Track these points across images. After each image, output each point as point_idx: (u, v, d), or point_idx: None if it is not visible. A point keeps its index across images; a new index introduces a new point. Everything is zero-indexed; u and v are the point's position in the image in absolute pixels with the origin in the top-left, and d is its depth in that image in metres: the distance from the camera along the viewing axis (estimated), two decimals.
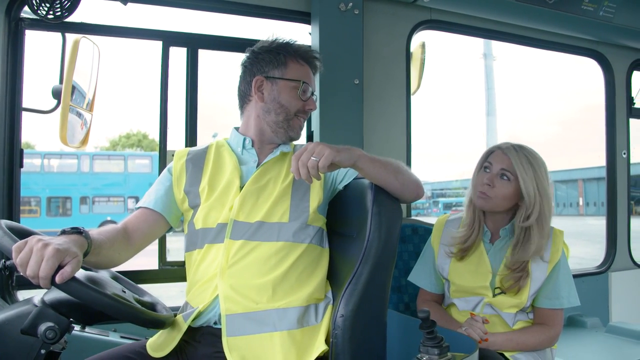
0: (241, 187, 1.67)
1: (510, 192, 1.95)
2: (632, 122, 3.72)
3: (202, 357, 1.55)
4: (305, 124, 1.81)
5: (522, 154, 1.96)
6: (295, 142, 1.84)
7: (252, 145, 1.77)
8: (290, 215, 1.65)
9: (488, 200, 1.97)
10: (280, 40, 1.77)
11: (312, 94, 1.78)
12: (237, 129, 1.84)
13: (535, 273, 1.95)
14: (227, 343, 1.49)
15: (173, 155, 1.84)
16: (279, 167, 1.74)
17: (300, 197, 1.68)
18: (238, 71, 1.83)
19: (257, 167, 1.73)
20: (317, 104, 2.55)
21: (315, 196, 1.69)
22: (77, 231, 1.36)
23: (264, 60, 1.75)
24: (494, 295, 1.97)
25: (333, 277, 1.68)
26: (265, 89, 1.73)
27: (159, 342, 1.58)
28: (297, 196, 1.68)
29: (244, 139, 1.77)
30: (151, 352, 1.57)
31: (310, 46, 1.80)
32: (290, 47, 1.76)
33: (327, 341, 1.53)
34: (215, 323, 1.56)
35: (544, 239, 1.94)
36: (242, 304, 1.53)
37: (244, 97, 1.80)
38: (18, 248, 1.22)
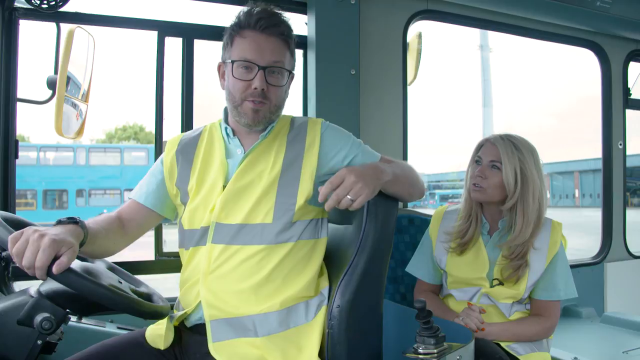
0: (225, 186, 1.57)
1: (502, 180, 1.97)
2: (629, 113, 3.72)
3: (197, 343, 1.55)
4: (264, 108, 1.55)
5: (508, 141, 1.99)
6: (293, 116, 1.72)
7: (234, 134, 1.64)
8: (275, 214, 1.54)
9: (482, 191, 1.99)
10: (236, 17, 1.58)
11: (264, 68, 1.53)
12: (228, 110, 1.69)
13: (534, 265, 1.96)
14: (214, 348, 1.46)
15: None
16: (266, 156, 1.60)
17: (287, 194, 1.57)
18: None
19: (242, 158, 1.60)
20: (313, 94, 2.55)
21: (304, 191, 1.58)
22: (73, 221, 1.36)
23: (223, 44, 1.61)
24: (492, 286, 1.98)
25: (329, 268, 1.68)
26: (225, 75, 1.61)
27: (158, 334, 1.56)
28: (283, 192, 1.56)
29: (226, 128, 1.65)
30: (151, 343, 1.55)
31: (258, 12, 1.55)
32: (236, 20, 1.57)
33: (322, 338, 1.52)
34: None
35: (530, 226, 1.94)
36: (223, 310, 1.49)
37: None
38: (14, 238, 1.22)
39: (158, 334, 1.56)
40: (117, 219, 1.63)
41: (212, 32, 2.58)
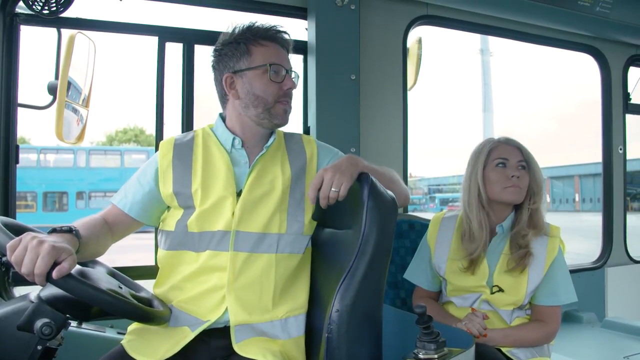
0: (237, 192, 1.62)
1: (529, 180, 2.02)
2: (628, 117, 3.73)
3: (209, 350, 1.57)
4: (290, 107, 1.69)
5: (520, 145, 2.06)
6: (283, 130, 1.78)
7: (242, 146, 1.68)
8: (288, 225, 1.64)
9: (520, 191, 2.00)
10: (238, 29, 1.66)
11: (288, 71, 1.67)
12: (223, 119, 1.74)
13: (533, 271, 1.96)
14: (238, 347, 1.53)
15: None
16: (273, 167, 1.68)
17: (296, 207, 1.67)
18: None
19: (249, 168, 1.66)
20: (314, 99, 2.56)
21: (309, 206, 1.69)
22: (68, 230, 1.37)
23: (227, 55, 1.66)
24: (492, 293, 1.98)
25: (328, 272, 1.68)
26: (237, 84, 1.65)
27: (153, 348, 1.53)
28: (293, 205, 1.67)
29: (234, 139, 1.68)
30: (138, 356, 1.51)
31: (273, 26, 1.68)
32: (249, 32, 1.65)
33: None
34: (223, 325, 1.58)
35: (540, 220, 2.00)
36: (249, 317, 1.56)
37: (222, 98, 1.73)
38: (12, 247, 1.22)
39: (148, 344, 1.54)
40: (104, 223, 1.63)
41: (212, 38, 2.55)
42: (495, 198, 2.01)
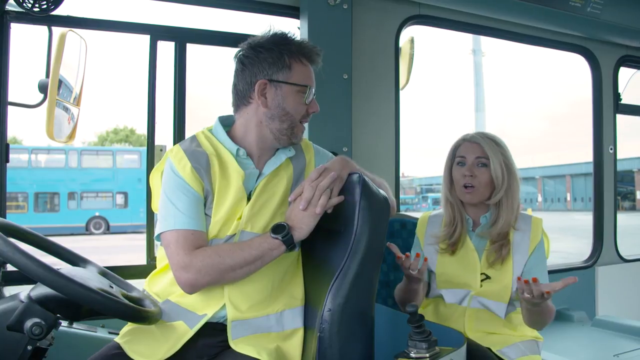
0: (247, 196, 1.62)
1: (490, 176, 1.99)
2: (619, 117, 3.75)
3: (204, 347, 1.58)
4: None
5: (487, 138, 2.03)
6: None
7: (247, 155, 1.65)
8: None
9: (474, 191, 2.00)
10: (280, 37, 1.62)
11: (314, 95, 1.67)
12: (225, 128, 1.69)
13: (517, 256, 1.99)
14: (234, 343, 1.54)
15: (163, 152, 1.78)
16: (279, 171, 1.68)
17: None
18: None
19: (259, 175, 1.65)
20: None
21: None
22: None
23: (266, 60, 1.60)
24: (481, 285, 1.99)
25: (320, 271, 1.68)
26: (269, 93, 1.60)
27: (152, 348, 1.53)
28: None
29: (237, 150, 1.63)
30: (137, 355, 1.51)
31: (309, 42, 1.68)
32: (293, 45, 1.62)
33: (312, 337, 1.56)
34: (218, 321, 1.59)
35: (513, 214, 1.99)
36: (246, 313, 1.58)
37: (242, 98, 1.65)
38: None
39: (152, 347, 1.54)
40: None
41: (204, 36, 2.58)
42: (459, 197, 2.05)
